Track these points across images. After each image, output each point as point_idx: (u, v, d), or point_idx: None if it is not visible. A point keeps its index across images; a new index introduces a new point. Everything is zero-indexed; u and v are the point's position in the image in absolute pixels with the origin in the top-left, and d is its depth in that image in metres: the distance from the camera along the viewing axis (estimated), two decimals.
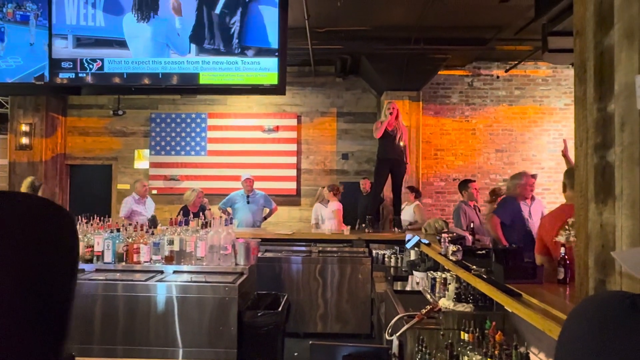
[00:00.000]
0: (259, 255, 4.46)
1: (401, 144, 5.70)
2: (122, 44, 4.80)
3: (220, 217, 3.61)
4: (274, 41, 4.58)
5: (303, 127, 7.80)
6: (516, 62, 7.18)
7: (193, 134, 7.73)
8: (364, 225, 5.59)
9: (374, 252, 4.74)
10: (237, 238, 3.32)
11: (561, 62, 6.20)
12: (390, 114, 5.54)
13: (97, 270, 3.16)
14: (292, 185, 7.73)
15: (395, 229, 5.60)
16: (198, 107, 7.79)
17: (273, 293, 3.44)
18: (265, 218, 6.20)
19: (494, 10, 5.29)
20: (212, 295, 2.90)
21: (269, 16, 4.59)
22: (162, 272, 3.16)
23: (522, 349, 2.00)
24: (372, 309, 4.44)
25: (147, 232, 3.38)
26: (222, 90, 5.17)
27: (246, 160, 7.58)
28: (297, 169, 7.76)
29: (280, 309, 3.08)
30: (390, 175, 5.77)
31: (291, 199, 7.73)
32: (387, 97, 6.93)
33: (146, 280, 2.97)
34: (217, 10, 4.67)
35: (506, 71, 7.42)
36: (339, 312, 4.54)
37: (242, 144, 7.67)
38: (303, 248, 4.84)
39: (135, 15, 4.73)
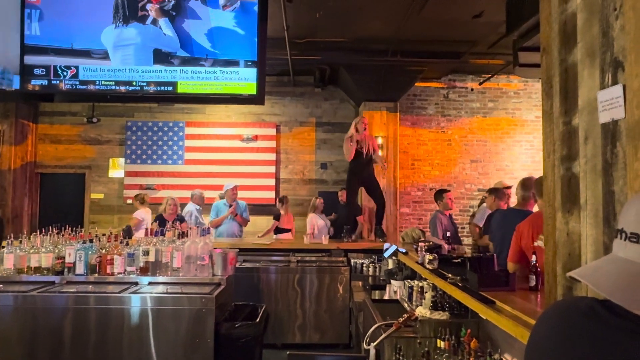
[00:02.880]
0: (237, 265, 4.42)
1: (373, 156, 5.62)
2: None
3: (198, 227, 3.56)
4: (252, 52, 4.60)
5: (282, 136, 7.81)
6: (489, 76, 7.41)
7: (170, 143, 7.63)
8: (342, 234, 5.61)
9: (352, 261, 4.76)
10: (215, 248, 3.29)
11: (531, 76, 6.44)
12: (354, 135, 5.40)
13: (68, 283, 3.06)
14: (271, 194, 7.71)
15: (377, 238, 5.64)
16: (176, 116, 7.71)
17: (251, 304, 3.41)
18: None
19: (467, 25, 5.47)
20: (188, 307, 2.85)
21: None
22: (136, 283, 3.09)
23: (496, 356, 2.04)
24: (351, 319, 4.45)
25: (121, 242, 3.30)
26: (201, 99, 5.14)
27: (224, 170, 7.52)
28: (276, 178, 7.76)
29: (258, 320, 3.05)
30: (365, 190, 5.79)
31: (270, 209, 7.69)
32: (365, 108, 7.04)
33: (120, 292, 2.89)
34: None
35: (480, 84, 7.65)
36: (317, 322, 4.53)
37: (220, 153, 7.62)
38: (281, 258, 4.82)
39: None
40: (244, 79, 4.55)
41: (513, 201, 4.00)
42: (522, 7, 4.25)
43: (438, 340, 2.31)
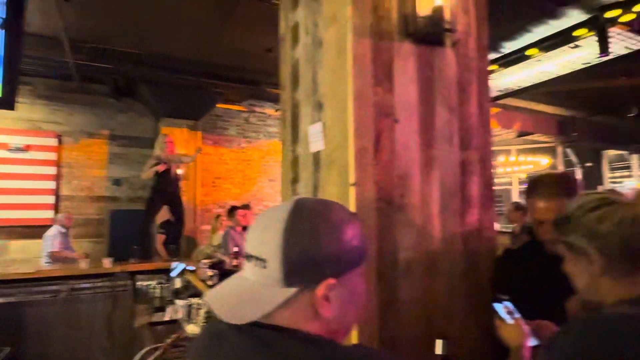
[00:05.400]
0: None
1: (178, 171, 5.71)
2: None
3: None
4: None
5: (65, 148, 6.85)
6: None
7: None
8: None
9: (137, 283, 4.48)
10: None
11: None
12: (160, 155, 5.46)
13: None
14: (49, 214, 6.62)
15: (171, 257, 5.46)
16: None
17: None
18: None
19: (262, 58, 5.90)
20: None
21: None
22: None
23: None
24: (133, 346, 4.15)
25: None
26: None
27: None
28: (56, 195, 6.72)
29: None
30: (169, 208, 5.66)
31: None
32: (165, 124, 6.81)
33: None
34: None
35: (276, 111, 8.33)
36: (95, 356, 4.07)
37: None
38: (49, 288, 4.17)
39: None
40: None
41: None
42: None
43: None
